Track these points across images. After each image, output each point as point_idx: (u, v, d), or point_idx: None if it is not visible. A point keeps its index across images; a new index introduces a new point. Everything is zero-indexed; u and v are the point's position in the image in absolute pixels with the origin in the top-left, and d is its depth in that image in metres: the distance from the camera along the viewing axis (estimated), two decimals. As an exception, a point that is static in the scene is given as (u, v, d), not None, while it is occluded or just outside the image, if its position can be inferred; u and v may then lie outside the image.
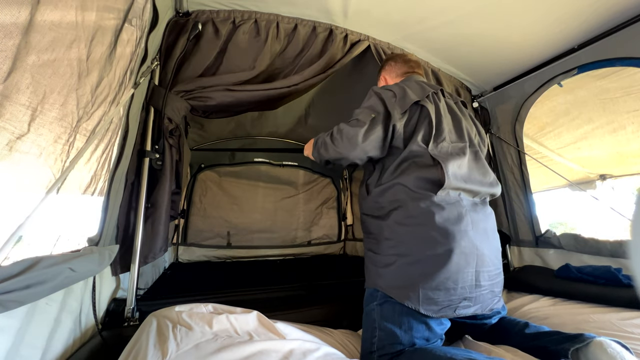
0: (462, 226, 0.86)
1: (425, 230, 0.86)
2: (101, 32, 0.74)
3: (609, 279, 1.25)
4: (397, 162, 0.97)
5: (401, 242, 0.90)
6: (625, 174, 2.05)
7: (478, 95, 2.08)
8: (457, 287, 0.83)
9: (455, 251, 0.83)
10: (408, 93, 1.02)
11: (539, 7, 1.34)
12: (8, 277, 0.48)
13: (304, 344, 0.74)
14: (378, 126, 0.98)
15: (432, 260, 0.84)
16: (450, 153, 0.96)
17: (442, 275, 0.82)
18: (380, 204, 0.98)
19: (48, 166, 0.64)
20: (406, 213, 0.90)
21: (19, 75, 0.52)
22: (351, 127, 1.00)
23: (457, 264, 0.83)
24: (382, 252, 0.93)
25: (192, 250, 2.70)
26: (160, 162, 1.14)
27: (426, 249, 0.85)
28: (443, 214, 0.87)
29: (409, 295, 0.84)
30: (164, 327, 0.70)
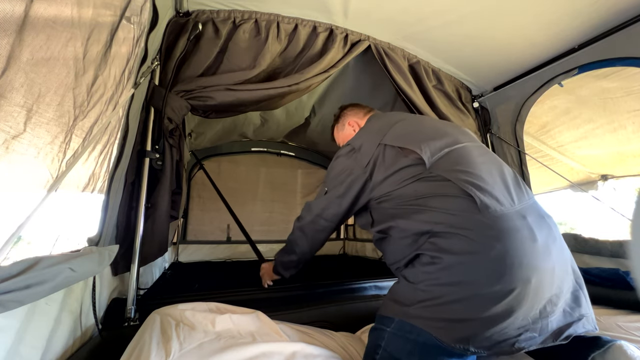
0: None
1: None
2: (98, 30, 0.74)
3: (616, 281, 1.24)
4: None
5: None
6: (627, 174, 2.05)
7: (478, 95, 2.08)
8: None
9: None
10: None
11: (539, 7, 1.34)
12: (8, 277, 0.48)
13: (306, 347, 0.74)
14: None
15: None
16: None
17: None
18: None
19: (46, 166, 0.64)
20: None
21: (13, 73, 0.51)
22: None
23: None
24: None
25: (192, 248, 2.70)
26: (161, 162, 1.14)
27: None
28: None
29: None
30: (167, 326, 0.70)
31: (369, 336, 0.84)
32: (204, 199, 2.80)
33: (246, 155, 3.09)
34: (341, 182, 0.97)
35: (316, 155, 3.38)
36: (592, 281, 1.31)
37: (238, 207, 2.93)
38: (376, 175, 0.92)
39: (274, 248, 3.01)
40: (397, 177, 0.88)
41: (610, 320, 1.06)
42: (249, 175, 3.07)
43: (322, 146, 3.17)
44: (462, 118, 1.87)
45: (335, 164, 1.03)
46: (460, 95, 1.98)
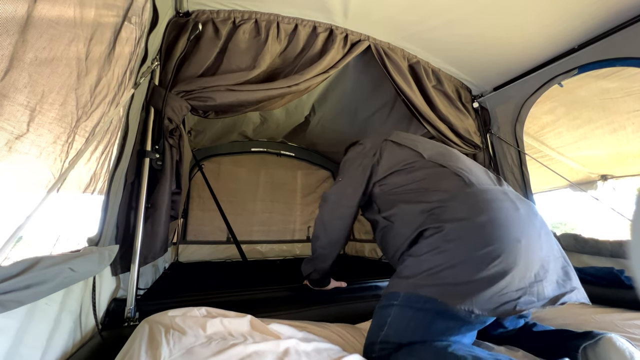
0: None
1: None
2: (100, 31, 0.74)
3: (611, 280, 1.25)
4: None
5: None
6: (626, 174, 2.05)
7: (478, 95, 2.08)
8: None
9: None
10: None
11: (539, 7, 1.34)
12: (8, 277, 0.48)
13: (298, 343, 0.74)
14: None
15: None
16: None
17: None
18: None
19: (47, 166, 0.64)
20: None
21: (16, 74, 0.52)
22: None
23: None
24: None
25: (192, 248, 2.70)
26: (161, 162, 1.14)
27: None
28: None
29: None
30: (157, 333, 0.69)
31: (374, 316, 0.88)
32: (204, 199, 2.80)
33: (246, 155, 3.09)
34: (354, 169, 1.11)
35: (316, 155, 3.38)
36: (588, 280, 1.32)
37: (238, 207, 2.94)
38: (382, 160, 1.08)
39: (274, 248, 3.01)
40: (399, 159, 1.05)
41: (607, 319, 1.07)
42: (249, 176, 3.07)
43: (321, 146, 3.17)
44: (461, 118, 1.87)
45: (347, 159, 1.18)
46: (460, 96, 1.98)
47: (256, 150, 3.11)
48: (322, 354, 0.74)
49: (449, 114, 1.78)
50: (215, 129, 2.57)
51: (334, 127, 2.59)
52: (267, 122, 2.63)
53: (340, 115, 2.39)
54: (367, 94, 2.10)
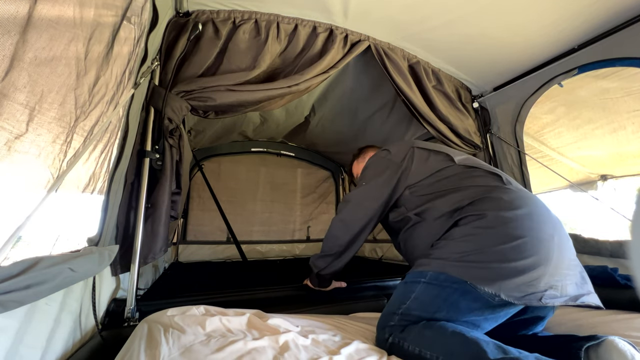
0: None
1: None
2: (99, 30, 0.74)
3: (605, 280, 1.23)
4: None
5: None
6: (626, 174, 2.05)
7: (478, 95, 2.08)
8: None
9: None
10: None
11: (539, 7, 1.34)
12: (8, 277, 0.48)
13: (297, 337, 0.75)
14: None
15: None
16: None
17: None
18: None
19: (47, 166, 0.64)
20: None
21: (16, 74, 0.52)
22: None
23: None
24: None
25: (192, 248, 2.70)
26: (161, 163, 1.14)
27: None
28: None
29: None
30: (156, 332, 0.69)
31: (396, 290, 0.92)
32: (204, 199, 2.80)
33: (246, 155, 3.09)
34: (380, 174, 1.11)
35: (316, 155, 3.38)
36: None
37: (238, 207, 2.94)
38: (412, 165, 1.10)
39: (274, 248, 3.01)
40: (431, 165, 1.08)
41: (604, 320, 1.05)
42: (249, 176, 3.07)
43: (321, 146, 3.18)
44: (461, 118, 1.87)
45: (371, 164, 1.19)
46: (460, 96, 1.98)
47: (256, 150, 3.11)
48: (320, 346, 0.75)
49: (449, 114, 1.78)
50: (215, 129, 2.57)
51: (334, 127, 2.59)
52: (267, 122, 2.63)
53: (340, 115, 2.39)
54: (367, 94, 2.10)
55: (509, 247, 0.78)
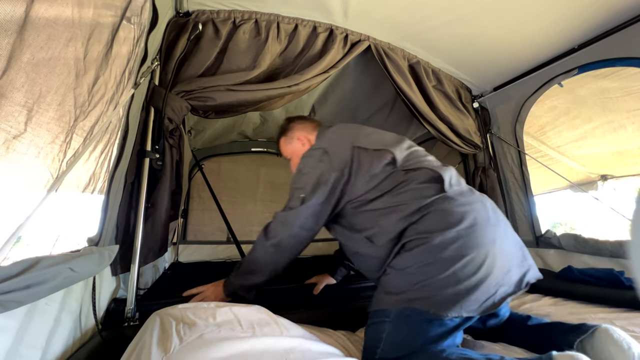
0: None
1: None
2: (98, 30, 0.74)
3: (610, 280, 1.25)
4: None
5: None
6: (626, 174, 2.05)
7: (478, 95, 2.08)
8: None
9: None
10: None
11: (539, 7, 1.34)
12: (8, 278, 0.48)
13: (304, 342, 0.74)
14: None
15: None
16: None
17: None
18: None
19: (46, 166, 0.64)
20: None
21: (14, 73, 0.51)
22: None
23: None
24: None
25: (192, 248, 2.70)
26: (161, 162, 1.14)
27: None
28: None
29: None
30: (167, 325, 0.70)
31: (365, 334, 0.88)
32: (204, 199, 2.80)
33: (246, 155, 3.08)
34: (320, 187, 0.97)
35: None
36: (588, 281, 1.32)
37: (238, 207, 2.94)
38: (354, 177, 0.97)
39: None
40: (373, 171, 0.96)
41: (606, 317, 1.08)
42: (248, 176, 3.07)
43: (322, 146, 3.17)
44: (462, 118, 1.87)
45: (307, 169, 1.03)
46: (460, 96, 1.98)
47: (256, 150, 3.11)
48: (327, 357, 0.74)
49: (449, 114, 1.78)
50: (215, 129, 2.57)
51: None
52: (267, 122, 2.63)
53: (340, 115, 2.39)
54: (367, 94, 2.10)
55: (460, 267, 0.77)
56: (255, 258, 1.03)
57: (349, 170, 0.98)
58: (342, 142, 1.03)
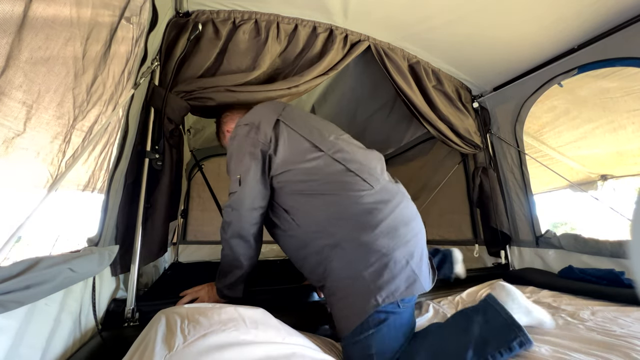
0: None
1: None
2: (97, 30, 0.73)
3: (610, 280, 1.27)
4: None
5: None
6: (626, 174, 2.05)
7: (478, 95, 2.08)
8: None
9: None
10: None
11: (539, 7, 1.34)
12: (8, 278, 0.48)
13: (304, 350, 0.74)
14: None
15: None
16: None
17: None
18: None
19: (45, 166, 0.63)
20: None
21: (12, 73, 0.51)
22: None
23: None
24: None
25: (192, 248, 2.70)
26: (160, 163, 1.14)
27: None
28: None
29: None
30: (173, 323, 0.70)
31: (352, 353, 0.87)
32: (204, 199, 2.80)
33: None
34: (250, 160, 0.98)
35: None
36: (589, 280, 1.34)
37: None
38: (278, 149, 0.98)
39: (274, 248, 3.00)
40: (297, 151, 0.98)
41: (604, 309, 1.11)
42: None
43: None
44: (461, 118, 1.87)
45: (238, 148, 1.01)
46: (460, 96, 1.98)
47: None
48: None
49: (449, 114, 1.78)
50: (215, 128, 2.57)
51: (334, 127, 2.59)
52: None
53: (340, 116, 2.39)
54: (367, 94, 2.10)
55: (395, 262, 0.86)
56: (226, 255, 1.01)
57: (273, 139, 0.98)
58: (268, 117, 1.02)
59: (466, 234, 2.18)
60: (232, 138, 1.04)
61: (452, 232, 2.31)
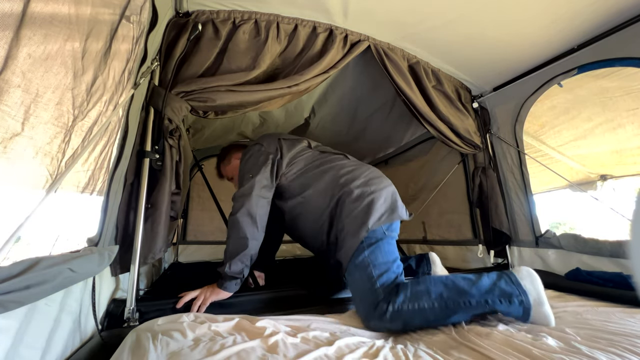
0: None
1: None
2: (97, 29, 0.73)
3: (617, 283, 1.26)
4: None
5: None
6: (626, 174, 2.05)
7: (478, 95, 2.08)
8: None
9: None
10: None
11: (538, 8, 1.34)
12: (8, 278, 0.48)
13: (286, 336, 0.76)
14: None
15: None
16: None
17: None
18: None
19: (45, 166, 0.63)
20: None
21: (10, 72, 0.51)
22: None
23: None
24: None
25: (192, 249, 2.70)
26: (160, 163, 1.14)
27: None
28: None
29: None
30: (144, 340, 0.69)
31: (353, 280, 1.09)
32: (204, 199, 2.79)
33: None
34: (261, 164, 1.27)
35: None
36: (595, 282, 1.33)
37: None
38: (283, 153, 1.32)
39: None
40: (296, 149, 1.36)
41: (612, 310, 1.10)
42: None
43: (321, 147, 3.17)
44: (461, 118, 1.87)
45: (249, 159, 1.32)
46: (460, 96, 1.98)
47: None
48: (309, 343, 0.76)
49: (449, 114, 1.78)
50: (214, 129, 2.57)
51: (334, 127, 2.59)
52: (266, 122, 2.62)
53: (340, 116, 2.39)
54: (367, 94, 2.10)
55: (387, 199, 1.23)
56: (233, 235, 1.16)
57: (279, 149, 1.33)
58: (272, 139, 1.38)
59: (466, 234, 2.18)
60: (245, 154, 1.36)
61: (452, 232, 2.31)
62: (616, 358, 0.71)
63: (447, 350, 0.79)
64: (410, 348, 0.81)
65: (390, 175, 1.51)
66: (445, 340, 0.86)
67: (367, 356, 0.74)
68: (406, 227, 1.92)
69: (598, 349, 0.76)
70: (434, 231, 2.48)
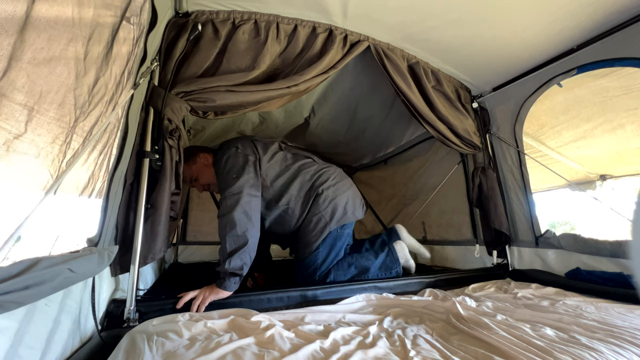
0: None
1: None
2: (99, 30, 0.73)
3: (617, 282, 1.27)
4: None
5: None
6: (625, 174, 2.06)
7: (478, 95, 2.08)
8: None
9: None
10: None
11: (538, 8, 1.34)
12: (7, 278, 0.48)
13: (282, 330, 0.77)
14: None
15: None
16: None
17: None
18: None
19: (46, 166, 0.63)
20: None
21: (14, 74, 0.51)
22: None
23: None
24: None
25: (192, 249, 2.70)
26: (160, 163, 1.14)
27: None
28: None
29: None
30: (139, 342, 0.69)
31: (300, 267, 1.48)
32: (204, 199, 2.80)
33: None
34: (244, 165, 1.34)
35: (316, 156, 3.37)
36: (595, 281, 1.34)
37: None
38: (259, 155, 1.44)
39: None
40: (271, 150, 1.52)
41: (612, 305, 1.11)
42: None
43: (321, 147, 3.16)
44: (461, 118, 1.87)
45: (227, 160, 1.38)
46: (460, 96, 1.98)
47: None
48: (304, 336, 0.77)
49: (449, 114, 1.78)
50: (214, 129, 2.57)
51: (334, 127, 2.59)
52: (266, 122, 2.63)
53: (339, 116, 2.39)
54: (367, 94, 2.10)
55: (350, 201, 1.58)
56: (230, 233, 1.18)
57: (255, 149, 1.45)
58: (245, 140, 1.50)
59: (466, 234, 2.18)
60: (222, 156, 1.42)
61: (452, 233, 2.31)
62: (616, 349, 0.71)
63: (448, 338, 0.80)
64: (408, 334, 0.82)
65: (390, 175, 1.53)
66: (444, 327, 0.88)
67: (363, 346, 0.74)
68: (406, 227, 1.92)
69: (598, 339, 0.76)
70: (434, 231, 2.47)
